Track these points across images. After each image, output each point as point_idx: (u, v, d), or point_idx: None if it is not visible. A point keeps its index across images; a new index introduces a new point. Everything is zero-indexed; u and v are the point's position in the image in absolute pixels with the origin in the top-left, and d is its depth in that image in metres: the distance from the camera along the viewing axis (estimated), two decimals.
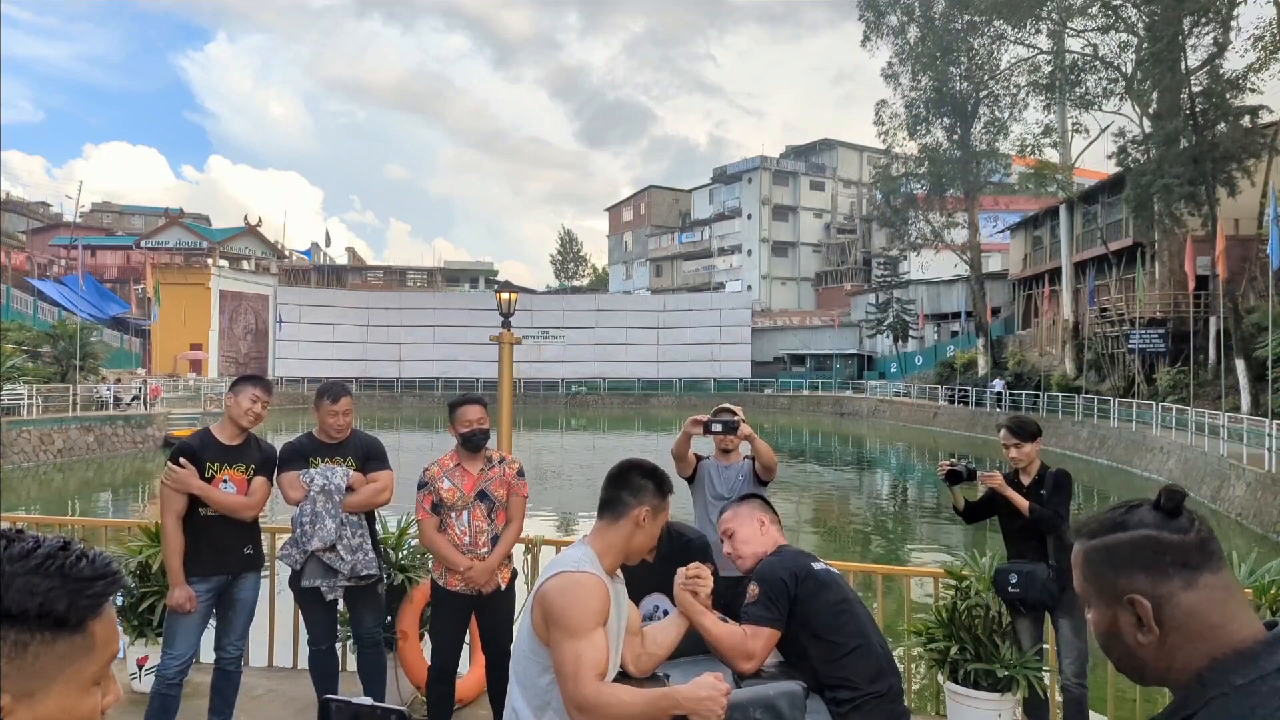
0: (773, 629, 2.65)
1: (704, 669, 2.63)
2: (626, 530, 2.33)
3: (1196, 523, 1.19)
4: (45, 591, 0.92)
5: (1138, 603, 1.16)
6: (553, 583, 2.22)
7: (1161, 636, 1.16)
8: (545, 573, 2.29)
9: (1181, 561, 1.16)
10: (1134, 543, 1.19)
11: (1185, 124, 25.59)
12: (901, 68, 39.95)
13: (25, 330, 33.38)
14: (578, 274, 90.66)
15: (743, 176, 69.72)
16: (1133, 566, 1.18)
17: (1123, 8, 29.17)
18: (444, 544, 4.03)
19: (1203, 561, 1.16)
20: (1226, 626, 1.14)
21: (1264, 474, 16.71)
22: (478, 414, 4.13)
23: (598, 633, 2.19)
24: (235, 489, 4.01)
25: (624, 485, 2.37)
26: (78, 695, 0.96)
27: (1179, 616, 1.15)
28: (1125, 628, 1.19)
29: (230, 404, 4.07)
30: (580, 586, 2.20)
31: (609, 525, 2.35)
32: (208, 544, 3.96)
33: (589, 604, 2.19)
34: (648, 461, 2.46)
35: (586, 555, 2.30)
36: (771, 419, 48.41)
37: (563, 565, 2.26)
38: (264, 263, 67.12)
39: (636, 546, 2.38)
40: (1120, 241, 33.01)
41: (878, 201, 44.83)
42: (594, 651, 2.16)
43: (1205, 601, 1.15)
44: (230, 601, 4.10)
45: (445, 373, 57.88)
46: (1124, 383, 31.15)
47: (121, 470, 25.60)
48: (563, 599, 2.18)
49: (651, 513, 2.35)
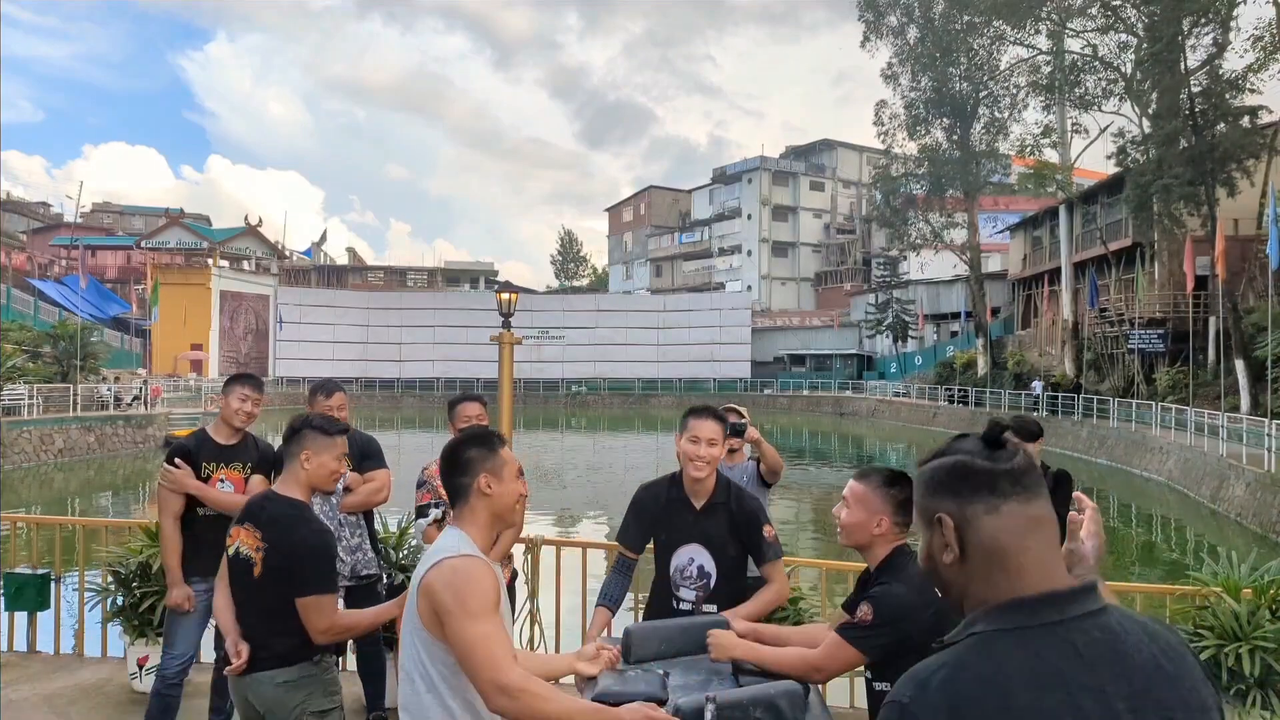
0: (860, 655, 2.42)
1: (704, 669, 2.64)
2: (479, 505, 2.27)
3: (1018, 455, 1.23)
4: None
5: (943, 520, 1.22)
6: (436, 572, 2.13)
7: (963, 559, 1.21)
8: (423, 564, 2.19)
9: (988, 487, 1.20)
10: (947, 467, 1.25)
11: (1185, 124, 25.58)
12: (901, 68, 39.96)
13: (26, 330, 33.38)
14: (578, 274, 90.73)
15: (742, 177, 69.74)
16: (944, 489, 1.24)
17: (1122, 8, 29.16)
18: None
19: (1011, 490, 1.20)
20: (1023, 565, 1.17)
21: (1263, 474, 16.72)
22: (476, 411, 4.16)
23: (497, 616, 2.14)
24: (233, 488, 4.01)
25: (454, 469, 2.30)
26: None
27: (980, 541, 1.19)
28: (935, 548, 1.24)
29: (222, 405, 4.12)
30: (470, 570, 2.13)
31: (462, 510, 2.29)
32: (206, 544, 3.95)
33: (483, 585, 2.12)
34: (467, 431, 2.44)
35: (463, 540, 2.22)
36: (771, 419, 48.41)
37: (442, 553, 2.17)
38: (264, 263, 67.14)
39: (500, 510, 2.31)
40: (1120, 241, 33.01)
41: (877, 202, 44.81)
42: (501, 634, 2.12)
43: (1005, 530, 1.18)
44: None
45: (445, 373, 57.87)
46: (1124, 383, 31.16)
47: (122, 470, 25.60)
48: (455, 584, 2.10)
49: (491, 475, 2.29)
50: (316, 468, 2.91)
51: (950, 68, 37.85)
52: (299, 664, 2.81)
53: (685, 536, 3.14)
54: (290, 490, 2.90)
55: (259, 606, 2.81)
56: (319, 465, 2.91)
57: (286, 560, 2.75)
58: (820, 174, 71.83)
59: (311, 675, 2.84)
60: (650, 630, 2.81)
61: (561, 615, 5.38)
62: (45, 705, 4.74)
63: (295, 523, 2.81)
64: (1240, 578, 4.36)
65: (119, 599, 5.08)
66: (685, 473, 3.16)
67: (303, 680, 2.81)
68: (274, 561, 2.77)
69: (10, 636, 5.66)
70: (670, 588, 3.15)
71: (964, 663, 1.12)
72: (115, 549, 5.33)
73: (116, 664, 5.30)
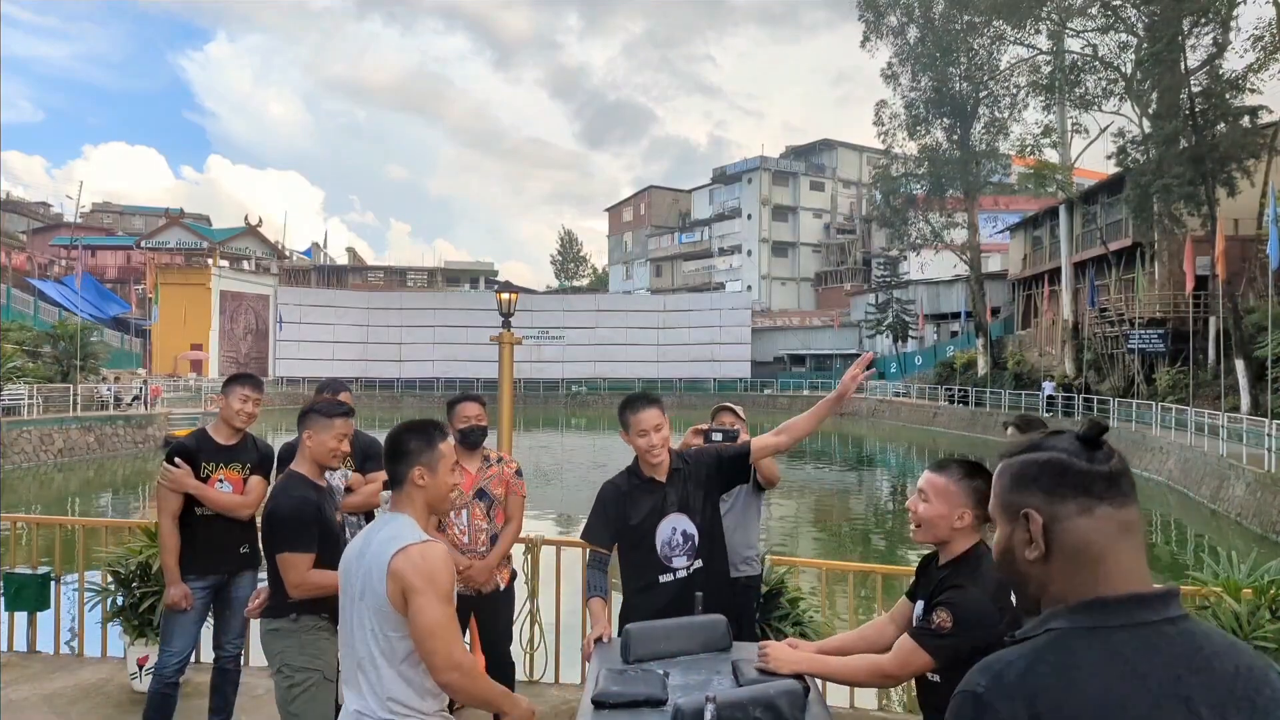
0: (933, 660, 2.33)
1: (705, 669, 2.64)
2: (415, 494, 2.42)
3: (1115, 457, 1.21)
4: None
5: (1030, 516, 1.19)
6: (404, 557, 2.27)
7: (1047, 556, 1.18)
8: (384, 549, 2.31)
9: (1084, 488, 1.18)
10: (1040, 463, 1.22)
11: (1185, 124, 25.57)
12: (901, 68, 39.95)
13: (25, 330, 33.35)
14: (578, 274, 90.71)
15: (742, 177, 69.72)
16: (1034, 485, 1.21)
17: (1122, 8, 29.16)
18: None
19: (1106, 492, 1.18)
20: (1109, 569, 1.15)
21: (1263, 474, 16.71)
22: (475, 410, 4.16)
23: (454, 599, 2.38)
24: (231, 488, 4.03)
25: (392, 456, 2.45)
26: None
27: (1068, 541, 1.17)
28: (1017, 543, 1.21)
29: (222, 405, 4.14)
30: (436, 555, 2.31)
31: (399, 495, 2.44)
32: (205, 543, 3.99)
33: (449, 570, 2.35)
34: (412, 422, 2.54)
35: (413, 526, 2.37)
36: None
37: (405, 540, 2.31)
38: (264, 263, 67.13)
39: (433, 500, 2.45)
40: (1120, 241, 33.01)
41: (877, 201, 44.81)
42: (455, 616, 2.36)
43: (1096, 531, 1.16)
44: (227, 600, 4.14)
45: (445, 373, 57.86)
46: (1124, 383, 31.16)
47: (122, 470, 25.60)
48: (425, 568, 2.26)
49: (426, 468, 2.42)
50: (316, 445, 3.27)
51: (950, 67, 37.86)
52: (280, 618, 3.16)
53: (660, 511, 3.25)
54: (299, 466, 3.27)
55: (268, 565, 3.22)
56: (319, 444, 3.27)
57: (268, 523, 3.15)
58: (820, 174, 71.80)
59: (289, 631, 3.15)
60: (650, 630, 2.80)
61: (562, 615, 5.37)
62: (45, 705, 4.74)
63: (278, 492, 3.21)
64: (1240, 578, 4.36)
65: (119, 599, 5.08)
66: (643, 461, 3.29)
67: (281, 632, 3.15)
68: (265, 525, 3.18)
69: (10, 636, 5.66)
70: (657, 563, 3.22)
71: (1041, 655, 1.11)
72: (115, 549, 5.32)
73: (116, 664, 5.30)
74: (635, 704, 2.38)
